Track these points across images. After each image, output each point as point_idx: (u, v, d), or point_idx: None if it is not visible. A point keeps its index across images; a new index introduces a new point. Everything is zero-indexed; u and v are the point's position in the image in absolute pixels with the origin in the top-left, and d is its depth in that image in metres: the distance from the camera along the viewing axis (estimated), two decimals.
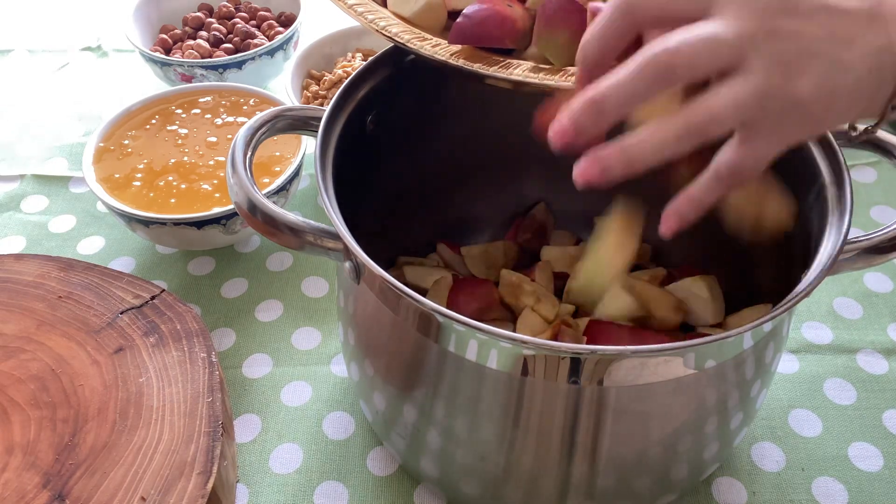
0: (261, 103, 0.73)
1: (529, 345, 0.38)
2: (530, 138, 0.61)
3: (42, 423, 0.51)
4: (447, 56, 0.49)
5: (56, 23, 1.00)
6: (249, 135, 0.46)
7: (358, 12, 0.51)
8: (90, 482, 0.48)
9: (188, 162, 0.67)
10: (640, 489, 0.47)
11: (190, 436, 0.50)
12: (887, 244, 0.43)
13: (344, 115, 0.48)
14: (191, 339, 0.56)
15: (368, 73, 0.51)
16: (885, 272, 0.67)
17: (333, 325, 0.64)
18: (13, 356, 0.55)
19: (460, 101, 0.56)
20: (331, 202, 0.43)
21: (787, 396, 0.59)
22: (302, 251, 0.44)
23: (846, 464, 0.55)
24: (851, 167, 0.45)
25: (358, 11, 0.51)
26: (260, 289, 0.67)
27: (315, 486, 0.54)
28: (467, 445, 0.46)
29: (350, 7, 0.52)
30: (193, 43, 0.84)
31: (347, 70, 0.77)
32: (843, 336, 0.63)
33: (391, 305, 0.43)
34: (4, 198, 0.76)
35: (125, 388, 0.53)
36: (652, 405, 0.42)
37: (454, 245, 0.62)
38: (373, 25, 0.50)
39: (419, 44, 0.49)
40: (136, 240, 0.71)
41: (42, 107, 0.87)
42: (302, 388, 0.60)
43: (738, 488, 0.53)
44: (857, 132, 0.43)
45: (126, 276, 0.60)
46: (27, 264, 0.61)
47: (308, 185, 0.76)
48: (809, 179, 0.46)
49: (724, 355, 0.41)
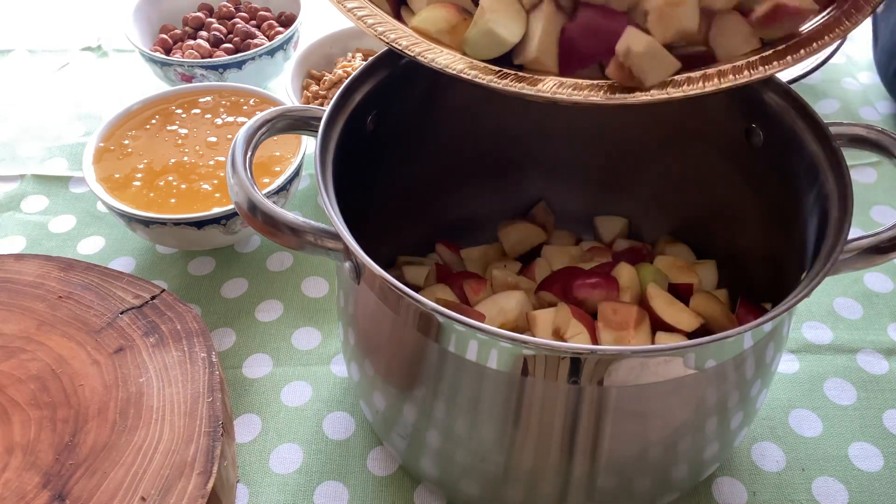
0: (261, 103, 0.73)
1: (529, 345, 0.38)
2: (530, 138, 0.62)
3: (42, 423, 0.51)
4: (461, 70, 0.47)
5: (56, 23, 1.00)
6: (249, 135, 0.46)
7: (368, 24, 0.50)
8: (90, 482, 0.48)
9: (188, 162, 0.67)
10: (640, 489, 0.47)
11: (190, 436, 0.50)
12: (887, 244, 0.43)
13: (344, 115, 0.48)
14: (191, 339, 0.56)
15: (368, 73, 0.51)
16: (885, 272, 0.67)
17: (333, 325, 0.64)
18: (13, 356, 0.55)
19: (460, 101, 0.56)
20: (331, 202, 0.43)
21: (788, 396, 0.59)
22: (302, 251, 0.44)
23: (846, 464, 0.55)
24: (851, 167, 0.45)
25: (368, 23, 0.50)
26: (260, 289, 0.67)
27: (315, 486, 0.54)
28: (467, 445, 0.46)
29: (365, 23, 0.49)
30: (193, 43, 0.84)
31: (347, 70, 0.77)
32: (843, 336, 0.63)
33: (391, 305, 0.43)
34: (4, 198, 0.76)
35: (125, 388, 0.53)
36: (652, 405, 0.42)
37: (453, 245, 0.62)
38: (383, 38, 0.49)
39: (430, 56, 0.48)
40: (136, 240, 0.71)
41: (42, 107, 0.87)
42: (302, 388, 0.60)
43: (739, 488, 0.53)
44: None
45: (126, 276, 0.60)
46: (27, 264, 0.61)
47: (308, 185, 0.76)
48: (809, 179, 0.46)
49: (724, 355, 0.41)
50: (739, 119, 0.52)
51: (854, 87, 0.87)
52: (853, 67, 0.90)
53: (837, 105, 0.85)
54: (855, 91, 0.87)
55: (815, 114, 0.47)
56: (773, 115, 0.49)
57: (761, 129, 0.51)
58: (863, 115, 0.84)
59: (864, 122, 0.54)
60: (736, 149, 0.53)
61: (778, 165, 0.50)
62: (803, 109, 0.47)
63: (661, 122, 0.57)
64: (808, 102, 0.47)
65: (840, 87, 0.87)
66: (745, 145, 0.52)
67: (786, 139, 0.48)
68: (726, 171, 0.55)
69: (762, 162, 0.51)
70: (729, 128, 0.53)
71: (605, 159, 0.62)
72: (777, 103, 0.49)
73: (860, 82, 0.88)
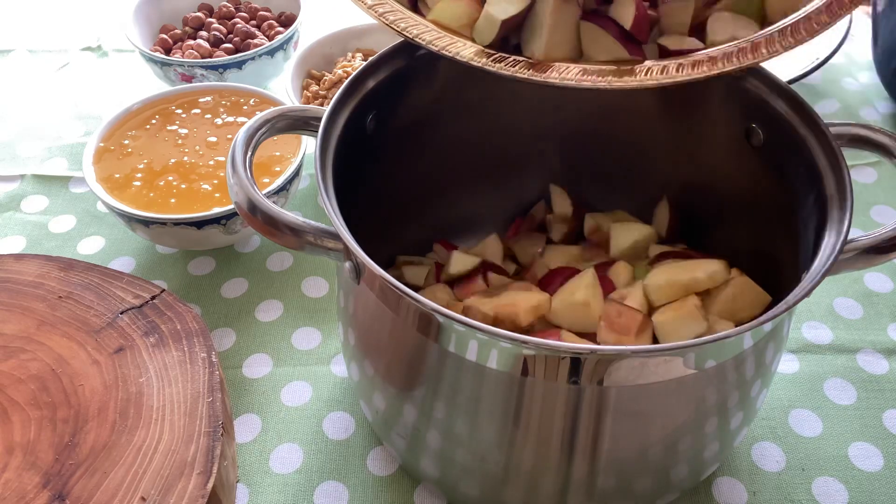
0: (261, 103, 0.73)
1: (529, 345, 0.38)
2: (530, 138, 0.62)
3: (42, 423, 0.51)
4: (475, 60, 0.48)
5: (56, 23, 1.00)
6: (249, 135, 0.46)
7: (389, 21, 0.50)
8: (90, 482, 0.48)
9: (188, 162, 0.67)
10: (640, 489, 0.47)
11: (190, 436, 0.50)
12: (887, 244, 0.43)
13: (344, 115, 0.48)
14: (191, 339, 0.56)
15: (368, 74, 0.51)
16: (885, 272, 0.67)
17: (333, 325, 0.64)
18: (13, 356, 0.55)
19: (460, 101, 0.56)
20: (331, 202, 0.43)
21: (787, 396, 0.59)
22: (302, 251, 0.44)
23: (846, 464, 0.55)
24: (851, 167, 0.45)
25: (389, 20, 0.50)
26: (260, 289, 0.67)
27: (315, 486, 0.54)
28: (467, 445, 0.46)
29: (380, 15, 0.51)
30: (193, 43, 0.84)
31: (347, 70, 0.77)
32: (843, 336, 0.63)
33: (391, 305, 0.43)
34: (4, 198, 0.76)
35: (125, 388, 0.53)
36: (652, 405, 0.42)
37: (450, 245, 0.62)
38: (407, 34, 0.50)
39: (455, 49, 0.49)
40: (136, 240, 0.71)
41: (42, 107, 0.87)
42: (302, 388, 0.60)
43: (739, 488, 0.53)
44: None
45: (126, 276, 0.60)
46: (27, 264, 0.61)
47: (308, 185, 0.76)
48: (809, 179, 0.46)
49: (724, 355, 0.41)
50: (739, 119, 0.52)
51: (854, 87, 0.87)
52: (853, 67, 0.90)
53: (837, 105, 0.85)
54: (855, 91, 0.87)
55: (815, 114, 0.47)
56: (773, 115, 0.49)
57: (761, 129, 0.51)
58: (863, 115, 0.84)
59: (864, 122, 0.54)
60: (736, 149, 0.52)
61: (778, 165, 0.50)
62: (803, 109, 0.47)
63: (662, 122, 0.57)
64: (808, 102, 0.47)
65: (840, 87, 0.87)
66: (745, 145, 0.52)
67: (786, 139, 0.48)
68: (726, 171, 0.55)
69: (762, 162, 0.51)
70: (729, 128, 0.53)
71: (604, 159, 0.62)
72: (777, 103, 0.49)
73: (860, 82, 0.88)
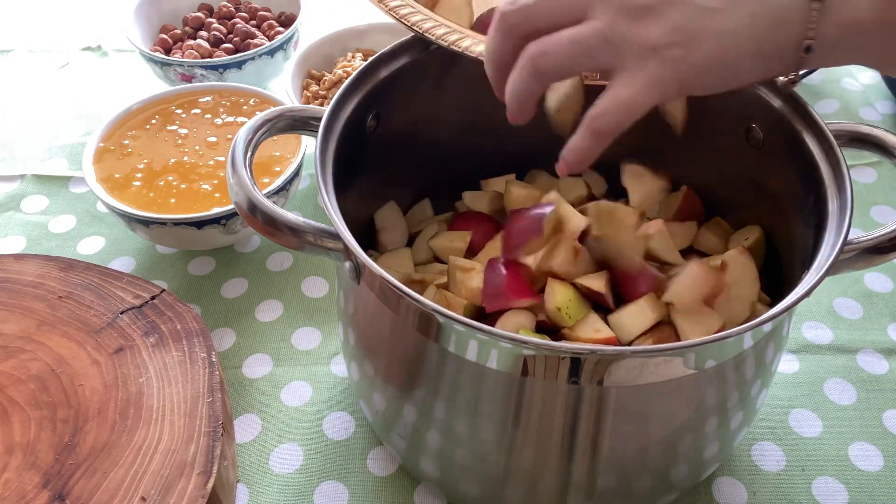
0: (261, 103, 0.73)
1: (529, 345, 0.38)
2: (531, 138, 0.62)
3: (42, 423, 0.51)
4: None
5: (56, 23, 1.00)
6: (249, 135, 0.46)
7: (400, 15, 0.51)
8: (90, 482, 0.48)
9: (188, 162, 0.67)
10: (640, 489, 0.47)
11: (190, 436, 0.50)
12: (887, 244, 0.43)
13: (344, 115, 0.48)
14: (191, 339, 0.56)
15: (368, 74, 0.51)
16: (885, 272, 0.67)
17: (333, 325, 0.64)
18: (13, 356, 0.55)
19: (460, 100, 0.56)
20: (331, 202, 0.43)
21: (787, 396, 0.59)
22: (302, 251, 0.44)
23: (846, 464, 0.55)
24: (851, 167, 0.45)
25: (412, 21, 0.51)
26: (260, 289, 0.67)
27: (315, 486, 0.54)
28: (467, 445, 0.46)
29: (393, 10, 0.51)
30: (193, 43, 0.84)
31: (347, 70, 0.77)
32: (843, 336, 0.63)
33: (391, 305, 0.43)
34: (4, 198, 0.76)
35: (125, 388, 0.53)
36: (652, 405, 0.42)
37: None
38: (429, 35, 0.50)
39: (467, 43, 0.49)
40: (136, 240, 0.71)
41: (42, 107, 0.87)
42: (302, 388, 0.60)
43: (739, 488, 0.53)
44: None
45: (126, 276, 0.60)
46: (27, 264, 0.61)
47: (308, 185, 0.76)
48: (809, 179, 0.46)
49: (724, 355, 0.41)
50: (739, 119, 0.52)
51: (854, 87, 0.87)
52: (853, 67, 0.90)
53: (837, 105, 0.85)
54: (855, 91, 0.87)
55: (815, 114, 0.47)
56: (773, 115, 0.49)
57: (761, 129, 0.51)
58: (863, 115, 0.84)
59: (864, 122, 0.54)
60: (736, 149, 0.52)
61: (778, 165, 0.50)
62: (803, 109, 0.47)
63: (661, 122, 0.57)
64: (808, 102, 0.47)
65: (840, 87, 0.87)
66: (745, 145, 0.52)
67: (786, 139, 0.48)
68: (726, 170, 0.55)
69: (762, 162, 0.51)
70: (729, 128, 0.53)
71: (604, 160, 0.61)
72: (777, 103, 0.49)
73: (860, 82, 0.88)
